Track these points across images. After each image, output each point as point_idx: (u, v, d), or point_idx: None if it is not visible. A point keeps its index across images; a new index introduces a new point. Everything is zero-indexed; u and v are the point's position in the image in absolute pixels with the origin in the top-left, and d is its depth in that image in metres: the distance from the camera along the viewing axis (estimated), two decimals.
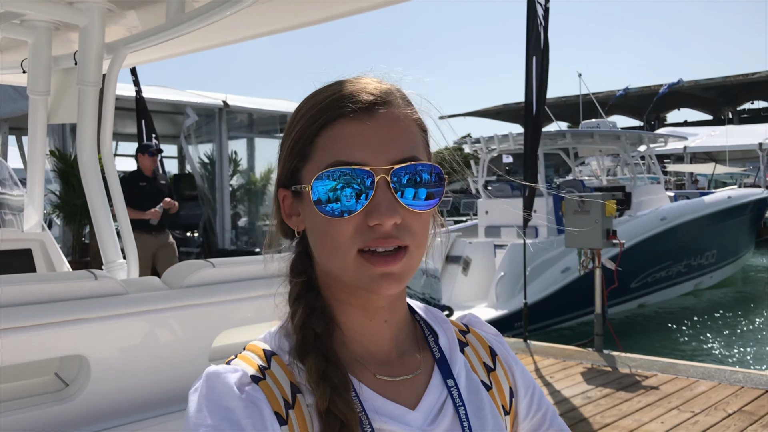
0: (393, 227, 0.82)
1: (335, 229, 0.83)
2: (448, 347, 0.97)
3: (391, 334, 0.92)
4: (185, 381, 1.54)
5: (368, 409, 0.85)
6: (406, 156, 0.84)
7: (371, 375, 0.89)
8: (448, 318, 1.05)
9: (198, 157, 16.64)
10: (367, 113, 0.84)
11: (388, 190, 0.82)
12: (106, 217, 2.89)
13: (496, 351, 1.03)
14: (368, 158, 0.82)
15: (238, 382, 0.81)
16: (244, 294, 1.62)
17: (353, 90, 0.86)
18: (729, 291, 14.49)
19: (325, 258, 0.86)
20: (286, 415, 0.82)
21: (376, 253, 0.82)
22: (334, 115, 0.85)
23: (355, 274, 0.83)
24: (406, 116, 0.88)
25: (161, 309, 1.48)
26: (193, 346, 1.55)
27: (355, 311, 0.90)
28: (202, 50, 3.52)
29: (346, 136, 0.84)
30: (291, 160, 0.89)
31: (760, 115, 47.92)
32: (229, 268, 1.63)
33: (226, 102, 16.65)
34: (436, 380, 0.93)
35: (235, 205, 17.44)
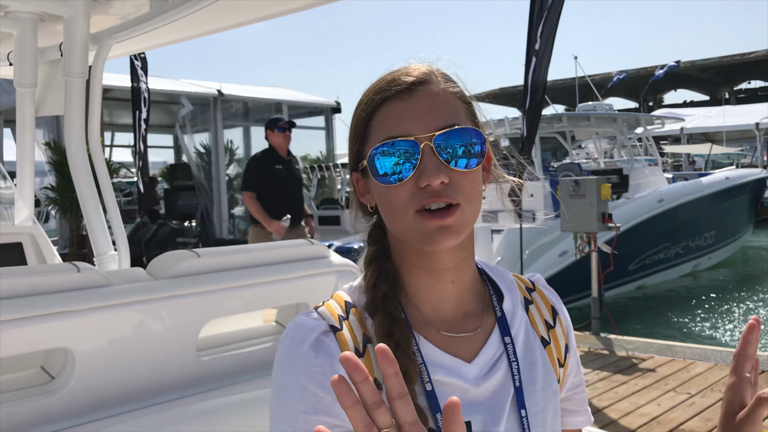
0: (442, 186, 0.93)
1: (393, 194, 0.95)
2: (510, 307, 1.07)
3: (456, 293, 1.03)
4: (172, 372, 1.54)
5: (428, 362, 0.97)
6: (447, 123, 0.95)
7: (435, 331, 1.01)
8: (515, 275, 1.16)
9: (193, 146, 16.59)
10: (409, 93, 0.96)
11: (433, 154, 0.93)
12: (95, 208, 2.88)
13: (557, 310, 1.13)
14: (412, 129, 0.94)
15: (318, 331, 0.96)
16: (230, 284, 1.62)
17: (396, 75, 0.99)
18: (728, 272, 14.50)
19: (391, 223, 0.99)
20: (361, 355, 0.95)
21: (431, 210, 0.93)
22: (381, 98, 0.98)
23: (415, 231, 0.95)
24: (445, 91, 0.98)
25: (146, 300, 1.47)
26: (180, 336, 1.54)
27: (423, 273, 1.01)
28: (192, 38, 3.49)
29: (392, 115, 0.97)
30: (354, 145, 1.03)
31: (757, 95, 47.82)
32: (214, 258, 1.62)
33: (221, 91, 16.59)
34: (495, 337, 1.03)
35: (232, 194, 17.40)
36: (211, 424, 1.49)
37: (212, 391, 1.59)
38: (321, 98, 19.37)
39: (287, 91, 19.26)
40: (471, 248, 1.05)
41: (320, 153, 19.67)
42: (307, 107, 19.20)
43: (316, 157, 19.49)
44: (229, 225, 17.05)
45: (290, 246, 1.80)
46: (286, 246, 1.80)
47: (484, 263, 1.13)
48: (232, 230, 17.19)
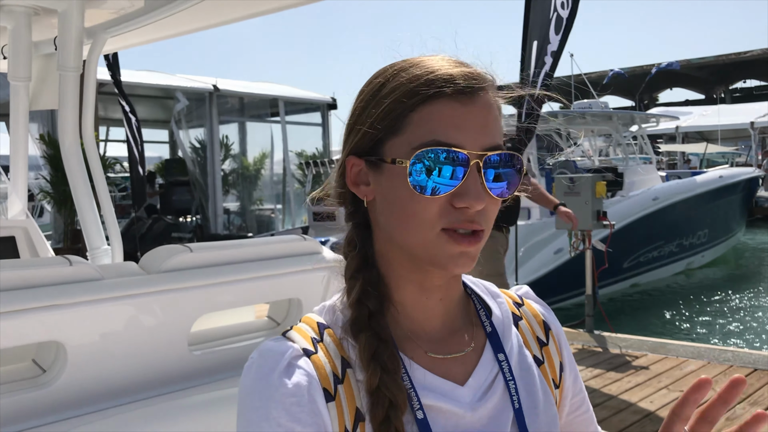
0: (478, 213, 0.84)
1: (421, 205, 0.84)
2: (501, 322, 0.97)
3: (444, 311, 0.94)
4: (163, 366, 1.54)
5: (418, 387, 0.87)
6: (496, 143, 0.86)
7: (422, 352, 0.91)
8: (502, 290, 1.06)
9: (189, 141, 16.56)
10: (467, 96, 0.86)
11: (479, 175, 0.84)
12: (89, 203, 2.88)
13: (549, 325, 1.04)
14: (464, 141, 0.84)
15: (289, 356, 0.85)
16: (222, 278, 1.62)
17: (453, 71, 0.87)
18: (720, 270, 14.57)
19: (403, 232, 0.87)
20: (335, 390, 0.84)
21: (458, 233, 0.84)
22: (434, 93, 0.85)
23: (435, 249, 0.85)
24: (497, 102, 0.90)
25: (138, 294, 1.47)
26: (172, 331, 1.54)
27: (412, 288, 0.92)
28: (187, 34, 3.49)
29: (444, 117, 0.85)
30: (376, 131, 0.88)
31: (752, 94, 47.92)
32: (207, 253, 1.63)
33: (217, 86, 16.55)
34: (488, 356, 0.94)
35: (227, 190, 17.38)
36: (202, 418, 1.50)
37: (204, 386, 1.59)
38: (317, 94, 19.36)
39: (283, 87, 19.22)
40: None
41: (316, 149, 19.66)
42: (303, 103, 19.18)
43: (312, 153, 19.47)
44: (224, 220, 17.03)
45: (283, 242, 1.80)
46: (279, 242, 1.80)
47: (467, 277, 1.04)
48: (228, 225, 17.18)
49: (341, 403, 0.84)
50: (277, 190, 18.48)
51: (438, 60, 0.89)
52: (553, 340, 1.03)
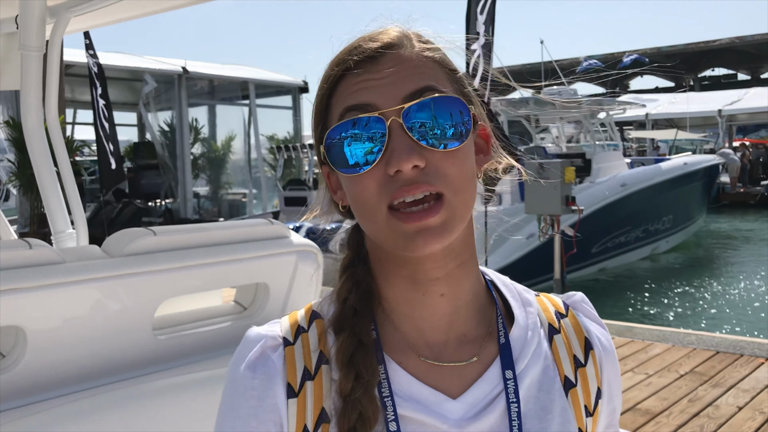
0: (417, 172, 0.74)
1: (359, 187, 0.77)
2: (521, 335, 0.85)
3: (448, 310, 0.83)
4: (126, 351, 1.52)
5: (398, 395, 0.79)
6: (417, 89, 0.76)
7: (415, 356, 0.82)
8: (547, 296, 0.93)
9: (158, 125, 16.38)
10: (372, 61, 0.78)
11: (403, 132, 0.75)
12: (53, 186, 2.83)
13: (592, 345, 0.88)
14: (375, 100, 0.76)
15: (264, 345, 0.82)
16: (187, 262, 1.60)
17: (358, 42, 0.81)
18: (684, 255, 14.90)
19: (362, 222, 0.81)
20: (300, 386, 0.80)
21: (408, 208, 0.75)
22: (341, 70, 0.80)
23: (389, 234, 0.77)
24: (421, 55, 0.80)
25: (100, 278, 1.45)
26: (135, 315, 1.53)
27: (405, 284, 0.83)
28: (154, 14, 3.42)
29: (352, 89, 0.78)
30: (316, 130, 0.84)
31: (720, 82, 48.65)
32: (171, 236, 1.61)
33: (186, 68, 16.36)
34: (494, 371, 0.82)
35: (197, 174, 17.23)
36: (166, 403, 1.49)
37: (168, 371, 1.58)
38: (288, 77, 19.21)
39: (254, 70, 19.06)
40: (469, 253, 0.84)
41: (287, 133, 19.56)
42: (274, 86, 19.04)
43: (283, 137, 19.36)
44: (194, 204, 16.89)
45: (249, 225, 1.79)
46: (245, 225, 1.79)
47: (497, 276, 0.92)
48: (198, 210, 17.03)
49: (305, 401, 0.80)
50: (248, 174, 18.36)
51: (357, 38, 0.82)
52: (593, 361, 0.88)
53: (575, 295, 0.95)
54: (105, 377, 1.50)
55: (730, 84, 45.44)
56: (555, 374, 0.85)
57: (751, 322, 9.67)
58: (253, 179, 18.32)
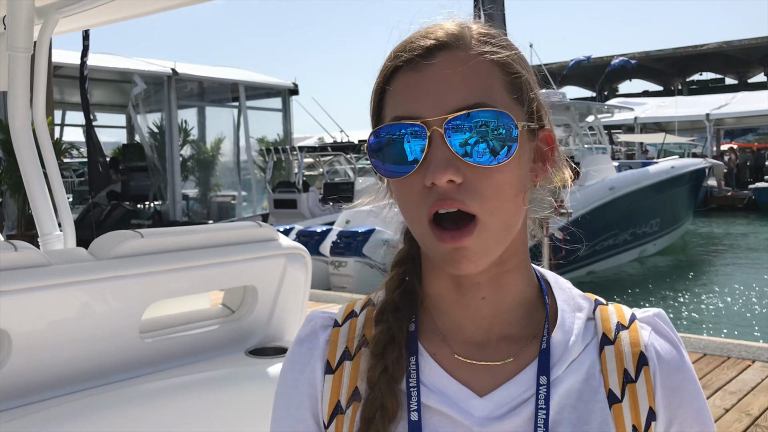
0: (453, 186, 0.73)
1: (402, 191, 0.78)
2: (564, 340, 0.82)
3: (491, 312, 0.83)
4: (112, 354, 1.52)
5: (425, 386, 0.80)
6: (467, 104, 0.74)
7: (449, 352, 0.83)
8: (615, 305, 0.89)
9: (147, 126, 16.31)
10: (424, 60, 0.76)
11: (443, 144, 0.73)
12: (40, 188, 2.81)
13: (647, 361, 0.82)
14: (421, 110, 0.75)
15: (317, 324, 0.89)
16: (174, 265, 1.60)
17: (413, 37, 0.79)
18: (671, 258, 15.02)
19: (407, 223, 0.81)
20: (338, 365, 0.84)
21: (443, 224, 0.74)
22: (392, 67, 0.79)
23: (429, 246, 0.78)
24: (478, 57, 0.77)
25: (87, 281, 1.44)
26: (122, 318, 1.52)
27: (447, 284, 0.83)
28: (143, 16, 3.41)
29: (401, 89, 0.77)
30: (372, 122, 0.84)
31: (708, 86, 48.95)
32: (158, 239, 1.60)
33: (175, 70, 16.30)
34: (529, 374, 0.81)
35: (186, 176, 17.16)
36: (153, 406, 1.48)
37: (155, 374, 1.58)
38: (278, 79, 19.19)
39: (244, 72, 19.02)
40: (518, 259, 0.83)
41: (277, 135, 19.51)
42: (263, 88, 19.02)
43: (273, 140, 19.32)
44: (183, 206, 16.83)
45: (237, 228, 1.78)
46: (233, 228, 1.78)
47: (555, 279, 0.90)
48: (187, 212, 16.97)
49: (341, 378, 0.84)
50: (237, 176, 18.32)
51: (418, 31, 0.80)
52: (646, 378, 0.82)
53: (650, 310, 0.89)
54: (91, 380, 1.49)
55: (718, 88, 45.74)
56: (600, 386, 0.81)
57: (738, 324, 9.73)
58: (242, 181, 18.28)
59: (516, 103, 0.78)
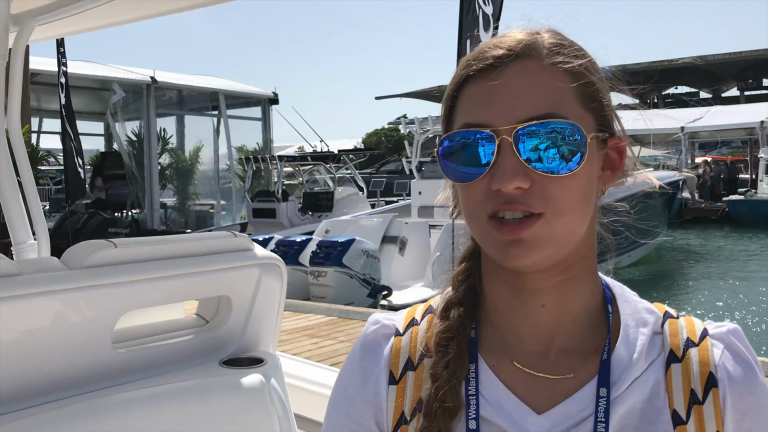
0: (519, 192, 0.75)
1: (467, 193, 0.79)
2: (625, 354, 0.80)
3: (551, 322, 0.82)
4: (84, 364, 1.51)
5: (483, 395, 0.80)
6: (538, 113, 0.75)
7: (509, 361, 0.82)
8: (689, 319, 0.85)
9: (125, 134, 16.22)
10: (495, 69, 0.78)
11: (512, 152, 0.75)
12: (14, 196, 2.79)
13: (716, 382, 0.79)
14: (493, 118, 0.76)
15: (380, 331, 0.89)
16: (148, 275, 1.59)
17: (485, 46, 0.80)
18: (645, 269, 15.20)
19: (467, 222, 0.83)
20: (402, 375, 0.85)
21: (504, 219, 0.76)
22: (464, 75, 0.80)
23: (486, 241, 0.79)
24: (549, 68, 0.78)
25: (58, 290, 1.43)
26: (94, 328, 1.51)
27: (506, 289, 0.84)
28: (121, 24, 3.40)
29: (473, 97, 0.79)
30: (442, 127, 0.85)
31: (683, 100, 49.64)
32: (132, 249, 1.60)
33: (155, 78, 16.23)
34: (589, 390, 0.79)
35: (165, 184, 17.06)
36: (125, 417, 1.47)
37: (127, 384, 1.57)
38: (258, 89, 19.18)
39: (224, 81, 19.00)
40: (583, 267, 0.84)
41: (257, 144, 19.47)
42: (243, 97, 19.01)
43: (253, 149, 19.27)
44: (161, 215, 16.72)
45: (212, 238, 1.78)
46: (208, 238, 1.78)
47: (622, 291, 0.90)
48: (165, 221, 16.86)
49: (405, 389, 0.84)
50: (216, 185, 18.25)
51: (491, 40, 0.82)
52: (714, 400, 0.78)
53: (725, 326, 0.84)
54: (62, 391, 1.47)
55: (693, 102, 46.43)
56: (664, 405, 0.78)
57: None
58: (221, 190, 18.21)
59: (587, 112, 0.79)
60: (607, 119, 0.82)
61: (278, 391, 1.65)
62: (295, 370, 2.13)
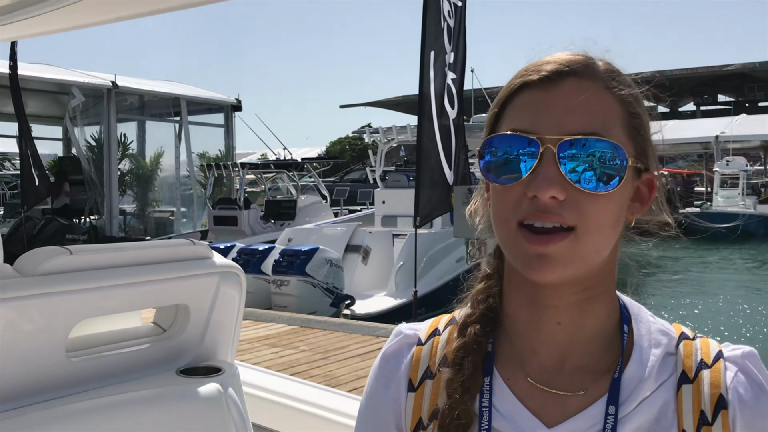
0: (554, 202, 0.76)
1: (501, 196, 0.80)
2: (637, 373, 0.81)
3: (565, 338, 0.83)
4: (37, 373, 1.48)
5: (496, 408, 0.82)
6: (585, 131, 0.77)
7: (522, 376, 0.84)
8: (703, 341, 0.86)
9: (84, 139, 15.93)
10: (550, 83, 0.80)
11: (553, 162, 0.76)
12: None
13: (726, 404, 0.79)
14: (539, 127, 0.78)
15: (402, 341, 0.93)
16: (104, 283, 1.57)
17: (543, 61, 0.83)
18: None
19: (495, 228, 0.83)
20: (420, 383, 0.88)
21: (533, 229, 0.77)
22: (521, 83, 0.82)
23: (513, 249, 0.80)
24: (603, 90, 0.81)
25: (10, 298, 1.40)
26: (47, 337, 1.48)
27: (524, 304, 0.85)
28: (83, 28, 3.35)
29: (523, 105, 0.81)
30: (486, 130, 0.87)
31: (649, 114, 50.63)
32: (88, 256, 1.57)
33: (115, 83, 16.01)
34: (598, 407, 0.80)
35: (124, 190, 16.81)
36: (78, 427, 1.45)
37: (82, 393, 1.54)
38: (221, 95, 19.04)
39: (186, 87, 18.81)
40: (602, 288, 0.85)
41: (219, 151, 19.31)
42: (206, 103, 18.86)
43: (215, 155, 19.10)
44: (120, 222, 16.46)
45: (170, 246, 1.76)
46: (166, 245, 1.76)
47: (638, 312, 0.90)
48: (124, 227, 16.61)
49: (423, 397, 0.87)
50: (177, 192, 18.04)
51: (549, 56, 0.84)
52: (724, 422, 0.79)
53: (740, 348, 0.84)
54: (14, 400, 1.44)
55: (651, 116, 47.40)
56: (672, 426, 0.79)
57: None
58: (182, 197, 18.01)
59: (629, 140, 0.81)
60: (645, 152, 0.84)
61: (236, 400, 1.64)
62: (255, 380, 2.11)
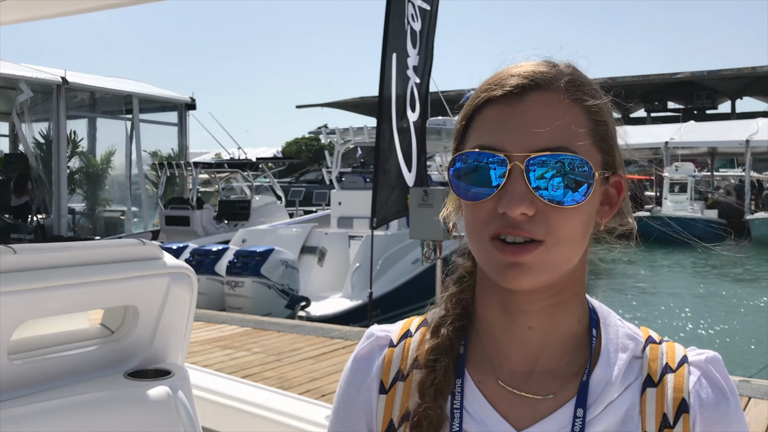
0: (523, 218, 0.77)
1: (471, 212, 0.82)
2: (603, 377, 0.83)
3: (536, 343, 0.85)
4: None
5: (467, 410, 0.84)
6: (551, 145, 0.78)
7: (494, 379, 0.86)
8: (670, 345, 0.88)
9: (32, 136, 15.51)
10: (516, 97, 0.80)
11: (521, 179, 0.78)
12: None
13: (688, 408, 0.82)
14: (507, 144, 0.79)
15: (374, 343, 0.94)
16: (49, 283, 1.53)
17: (507, 73, 0.83)
18: None
19: (468, 241, 0.85)
20: (391, 385, 0.89)
21: (506, 241, 0.78)
22: (484, 99, 0.83)
23: (486, 259, 0.81)
24: (568, 102, 0.81)
25: None
26: None
27: (497, 308, 0.87)
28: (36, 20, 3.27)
29: (489, 120, 0.82)
30: (453, 144, 0.89)
31: None
32: (33, 255, 1.53)
33: (66, 78, 15.63)
34: (567, 410, 0.83)
35: (73, 189, 16.42)
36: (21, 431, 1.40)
37: (25, 397, 1.50)
38: (175, 93, 18.75)
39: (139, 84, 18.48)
40: (572, 293, 0.86)
41: (172, 150, 19.01)
42: (159, 101, 18.55)
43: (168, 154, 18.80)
44: (69, 221, 16.07)
45: (119, 245, 1.73)
46: (115, 245, 1.72)
47: (607, 316, 0.90)
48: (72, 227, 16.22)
49: (394, 399, 0.88)
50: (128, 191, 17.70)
51: (509, 67, 0.85)
52: (685, 426, 0.81)
53: (705, 353, 0.87)
54: None
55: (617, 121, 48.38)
56: (637, 428, 0.82)
57: None
58: (133, 196, 17.67)
59: (596, 149, 0.82)
60: (613, 159, 0.85)
61: (185, 403, 1.62)
62: (205, 383, 2.08)
